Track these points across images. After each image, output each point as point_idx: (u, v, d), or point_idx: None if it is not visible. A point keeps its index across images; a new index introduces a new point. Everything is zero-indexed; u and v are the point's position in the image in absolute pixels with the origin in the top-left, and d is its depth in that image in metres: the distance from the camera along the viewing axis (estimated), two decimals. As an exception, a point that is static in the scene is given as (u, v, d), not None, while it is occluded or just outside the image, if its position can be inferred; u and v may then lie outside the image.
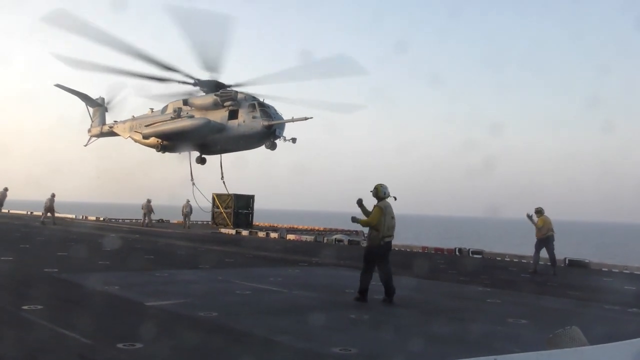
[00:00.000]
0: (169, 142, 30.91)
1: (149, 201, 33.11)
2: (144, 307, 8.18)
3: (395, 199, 9.59)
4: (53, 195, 30.21)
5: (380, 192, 9.37)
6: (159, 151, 31.66)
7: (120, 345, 5.69)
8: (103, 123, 37.09)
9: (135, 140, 33.12)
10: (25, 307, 7.46)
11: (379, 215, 9.22)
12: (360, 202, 9.57)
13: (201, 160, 32.46)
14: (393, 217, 9.38)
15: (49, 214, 30.15)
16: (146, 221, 33.21)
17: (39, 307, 7.55)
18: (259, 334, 6.78)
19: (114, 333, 6.40)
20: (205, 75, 28.10)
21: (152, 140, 31.53)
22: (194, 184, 32.60)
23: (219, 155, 32.05)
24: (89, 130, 38.08)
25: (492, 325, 7.92)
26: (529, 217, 15.42)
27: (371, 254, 9.53)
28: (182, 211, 33.62)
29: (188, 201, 33.25)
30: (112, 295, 9.11)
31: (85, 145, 38.38)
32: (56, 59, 31.11)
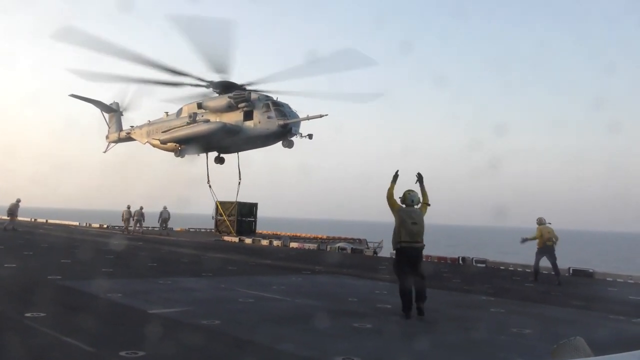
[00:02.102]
0: (187, 146, 31.19)
1: (141, 208, 33.04)
2: (146, 315, 8.17)
3: (429, 205, 9.28)
4: (18, 201, 29.83)
5: (407, 199, 9.10)
6: (177, 156, 32.02)
7: (123, 353, 5.68)
8: (120, 129, 37.43)
9: (154, 146, 33.48)
10: (28, 315, 7.47)
11: (394, 206, 9.04)
12: (396, 176, 9.31)
13: (220, 160, 32.82)
14: (415, 223, 8.84)
15: (10, 219, 29.26)
16: (137, 228, 33.07)
17: (42, 314, 7.56)
18: (262, 342, 6.76)
19: (116, 341, 6.39)
20: (216, 77, 28.32)
21: (170, 145, 31.89)
22: (210, 186, 33.02)
23: (231, 160, 32.50)
24: (107, 137, 38.42)
25: (495, 334, 7.89)
26: (524, 240, 15.69)
27: (394, 260, 9.32)
28: (159, 217, 33.62)
29: (165, 208, 33.26)
30: (115, 302, 9.11)
31: (105, 152, 38.78)
32: (72, 73, 31.50)
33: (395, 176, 9.34)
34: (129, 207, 32.96)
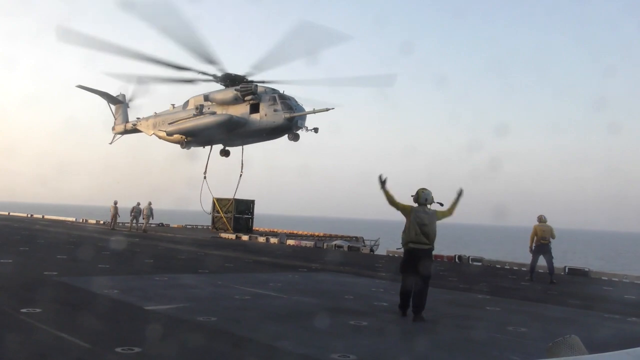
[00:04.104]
0: (193, 138, 31.25)
1: (150, 204, 32.76)
2: (143, 311, 8.17)
3: (442, 204, 8.89)
4: None
5: (420, 198, 8.70)
6: (183, 147, 32.10)
7: (119, 350, 5.69)
8: (126, 120, 37.51)
9: (160, 137, 33.51)
10: (24, 310, 7.46)
11: (405, 208, 8.70)
12: (383, 182, 8.72)
13: (225, 153, 32.88)
14: (425, 224, 8.54)
15: None
16: (139, 225, 32.72)
17: (38, 310, 7.55)
18: (259, 339, 6.77)
19: (113, 337, 6.39)
20: (210, 69, 28.31)
21: (176, 137, 31.93)
22: (205, 177, 33.05)
23: (236, 154, 32.62)
24: (113, 128, 38.50)
25: (491, 333, 7.91)
26: (531, 249, 15.74)
27: (402, 259, 9.09)
28: (143, 213, 32.54)
29: (149, 203, 32.53)
30: (111, 298, 9.09)
31: (110, 143, 38.83)
32: (109, 77, 31.87)
33: (382, 181, 8.77)
34: (115, 203, 32.43)
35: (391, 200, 8.82)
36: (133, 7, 24.94)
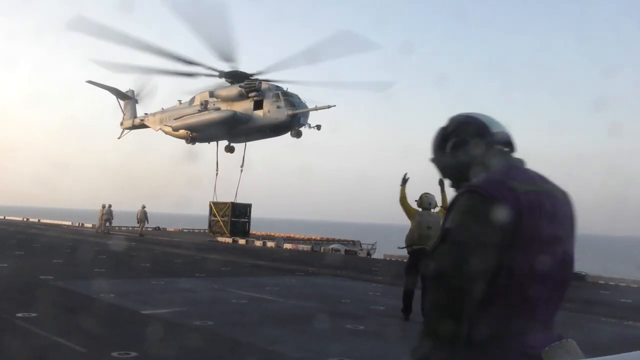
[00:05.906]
0: (198, 133, 31.61)
1: (143, 207, 32.37)
2: (139, 316, 8.15)
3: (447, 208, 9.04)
4: None
5: (424, 202, 8.91)
6: (188, 143, 32.60)
7: (115, 354, 5.66)
8: (134, 116, 37.97)
9: (166, 133, 34.09)
10: (19, 315, 7.42)
11: (411, 211, 8.87)
12: (405, 180, 9.01)
13: (230, 149, 33.32)
14: (430, 227, 8.64)
15: None
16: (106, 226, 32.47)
17: (34, 314, 7.51)
18: (255, 343, 6.76)
19: (109, 342, 6.36)
20: (225, 67, 28.72)
21: (182, 132, 32.45)
22: (217, 174, 33.62)
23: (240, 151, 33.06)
24: (122, 123, 38.91)
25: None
26: None
27: (407, 261, 9.19)
28: (137, 217, 31.85)
29: (143, 207, 31.85)
30: (107, 303, 9.07)
31: (119, 138, 39.27)
32: (95, 64, 32.87)
33: (404, 180, 9.05)
34: (104, 207, 31.93)
35: (403, 199, 9.02)
36: (179, 8, 25.72)
